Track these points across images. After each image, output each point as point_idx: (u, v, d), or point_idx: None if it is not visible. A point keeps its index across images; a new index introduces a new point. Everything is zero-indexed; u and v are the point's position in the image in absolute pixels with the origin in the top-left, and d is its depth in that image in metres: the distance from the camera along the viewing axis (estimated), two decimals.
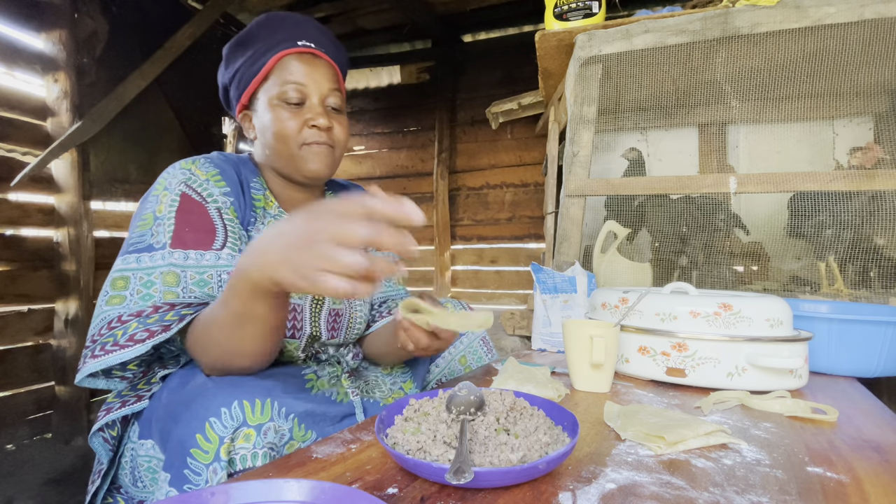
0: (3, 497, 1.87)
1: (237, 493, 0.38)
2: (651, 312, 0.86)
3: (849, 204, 1.38)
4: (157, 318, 0.66)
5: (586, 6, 1.52)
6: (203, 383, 0.63)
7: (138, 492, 0.72)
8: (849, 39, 1.30)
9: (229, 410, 0.59)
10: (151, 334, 0.65)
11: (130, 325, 0.66)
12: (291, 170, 0.83)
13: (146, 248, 0.71)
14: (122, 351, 0.64)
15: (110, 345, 0.65)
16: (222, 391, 0.61)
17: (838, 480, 0.48)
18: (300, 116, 0.80)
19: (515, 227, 3.56)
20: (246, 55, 0.82)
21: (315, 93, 0.81)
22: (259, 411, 0.60)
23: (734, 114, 1.64)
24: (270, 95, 0.80)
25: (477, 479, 0.42)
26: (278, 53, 0.80)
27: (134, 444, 0.72)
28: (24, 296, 2.30)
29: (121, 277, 0.70)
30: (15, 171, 2.21)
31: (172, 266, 0.70)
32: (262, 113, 0.82)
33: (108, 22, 2.54)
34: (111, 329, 0.67)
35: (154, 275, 0.69)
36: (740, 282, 1.63)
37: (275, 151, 0.82)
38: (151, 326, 0.65)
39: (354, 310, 0.94)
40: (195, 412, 0.59)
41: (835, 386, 0.88)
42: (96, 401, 2.52)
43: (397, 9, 3.18)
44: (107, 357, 0.65)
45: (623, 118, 1.94)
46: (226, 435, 0.58)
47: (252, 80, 0.82)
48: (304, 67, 0.80)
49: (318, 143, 0.81)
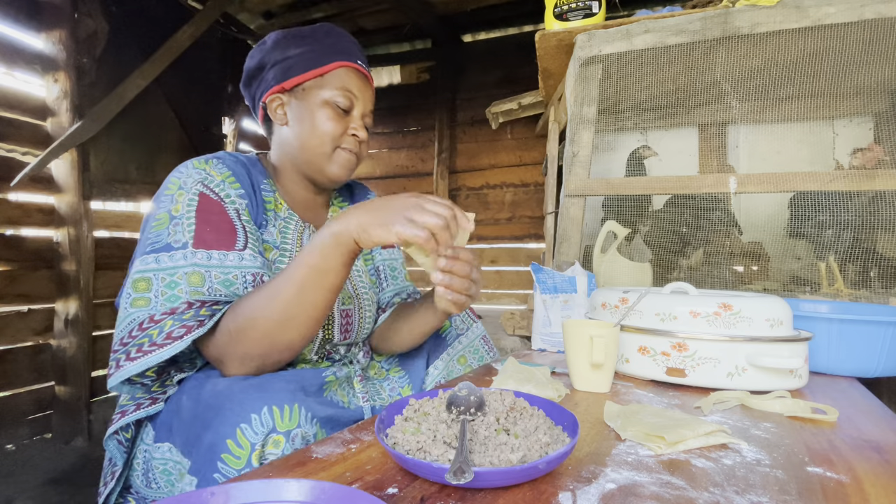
0: (3, 497, 1.87)
1: (237, 493, 0.38)
2: (651, 312, 0.86)
3: (849, 204, 1.38)
4: (193, 314, 0.67)
5: (586, 6, 1.52)
6: (229, 387, 0.64)
7: (152, 493, 0.72)
8: (849, 39, 1.30)
9: (259, 416, 0.60)
10: (189, 329, 0.66)
11: (166, 323, 0.66)
12: (315, 168, 0.86)
13: (164, 247, 0.71)
14: (160, 350, 0.65)
15: (147, 345, 0.66)
16: (250, 396, 0.62)
17: (838, 480, 0.48)
18: (344, 122, 0.85)
19: (515, 227, 3.56)
20: (303, 48, 0.85)
21: (360, 107, 0.87)
22: (288, 417, 0.61)
23: (734, 114, 1.64)
24: (322, 94, 0.84)
25: (477, 479, 0.42)
26: (341, 61, 0.85)
27: (147, 447, 0.73)
28: (24, 296, 2.30)
29: (142, 279, 0.69)
30: (15, 171, 2.21)
31: (196, 266, 0.70)
32: (308, 106, 0.85)
33: (108, 22, 2.54)
34: (144, 330, 0.66)
35: (177, 275, 0.69)
36: (740, 282, 1.63)
37: (305, 145, 0.85)
38: (188, 322, 0.66)
39: (364, 310, 0.95)
40: (225, 417, 0.60)
41: (835, 386, 0.88)
42: (96, 401, 2.52)
43: (397, 9, 3.18)
44: (146, 357, 0.65)
45: (623, 118, 1.94)
46: (257, 441, 0.59)
47: (307, 71, 0.84)
48: (358, 83, 0.87)
49: (350, 151, 0.87)
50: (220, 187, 0.77)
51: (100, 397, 2.56)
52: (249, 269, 0.73)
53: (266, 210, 0.84)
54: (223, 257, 0.72)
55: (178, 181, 0.76)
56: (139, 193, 2.80)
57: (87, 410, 2.44)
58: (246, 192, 0.80)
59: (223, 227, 0.74)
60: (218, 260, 0.71)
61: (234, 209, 0.76)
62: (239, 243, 0.74)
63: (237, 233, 0.75)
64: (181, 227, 0.72)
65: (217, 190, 0.76)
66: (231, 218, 0.75)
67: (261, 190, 0.85)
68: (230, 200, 0.77)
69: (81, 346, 2.41)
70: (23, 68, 2.29)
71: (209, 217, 0.73)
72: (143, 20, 2.75)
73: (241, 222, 0.76)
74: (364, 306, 0.95)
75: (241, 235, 0.75)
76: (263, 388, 0.63)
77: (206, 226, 0.72)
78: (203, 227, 0.72)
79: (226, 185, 0.78)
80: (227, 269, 0.72)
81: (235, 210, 0.77)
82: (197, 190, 0.75)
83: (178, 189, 0.75)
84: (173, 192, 0.75)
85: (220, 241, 0.72)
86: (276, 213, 0.86)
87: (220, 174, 0.78)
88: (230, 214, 0.75)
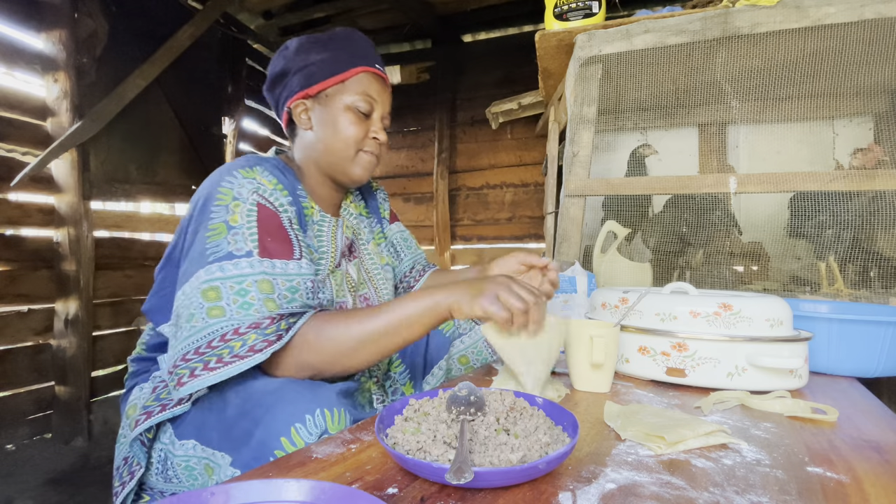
0: (3, 497, 1.87)
1: (237, 493, 0.38)
2: (651, 312, 0.86)
3: (849, 204, 1.38)
4: (274, 329, 0.70)
5: (586, 6, 1.51)
6: (281, 387, 0.67)
7: (172, 486, 0.74)
8: (849, 39, 1.30)
9: (313, 418, 0.63)
10: (269, 343, 0.69)
11: (249, 337, 0.69)
12: (338, 169, 0.90)
13: (226, 256, 0.72)
14: (241, 362, 0.68)
15: (227, 356, 0.68)
16: (303, 397, 0.65)
17: (838, 480, 0.48)
18: (365, 126, 0.89)
19: (515, 227, 3.56)
20: (324, 54, 0.88)
21: (380, 110, 0.91)
22: (337, 420, 0.64)
23: (734, 114, 1.64)
24: (344, 99, 0.88)
25: (477, 479, 0.42)
26: (362, 67, 0.88)
27: (165, 445, 0.74)
28: (24, 296, 2.29)
29: (210, 288, 0.71)
30: (15, 171, 2.21)
31: (265, 274, 0.72)
32: (331, 111, 0.88)
33: (108, 22, 2.53)
34: (227, 341, 0.69)
35: (246, 282, 0.71)
36: (740, 282, 1.63)
37: (330, 149, 0.89)
38: (269, 336, 0.69)
39: (380, 290, 1.00)
40: (277, 415, 0.63)
41: (835, 386, 0.88)
42: (96, 401, 2.52)
43: (397, 9, 3.18)
44: (227, 368, 0.67)
45: (623, 118, 1.94)
46: (312, 442, 0.61)
47: (329, 77, 0.87)
48: (377, 87, 0.91)
49: (371, 154, 0.91)
50: (273, 196, 0.79)
51: (100, 397, 2.56)
52: (308, 276, 0.77)
53: (305, 215, 0.88)
54: (285, 266, 0.75)
55: (231, 191, 0.76)
56: (139, 193, 2.79)
57: (87, 410, 2.44)
58: (292, 199, 0.84)
59: (281, 237, 0.77)
60: (281, 269, 0.74)
61: (287, 218, 0.79)
62: (296, 252, 0.78)
63: (293, 242, 0.78)
64: (241, 237, 0.74)
65: (272, 200, 0.79)
66: (286, 228, 0.78)
67: (298, 195, 0.88)
68: (283, 210, 0.79)
69: (81, 346, 2.41)
70: (23, 68, 2.29)
71: (268, 227, 0.76)
72: (143, 20, 2.75)
73: (294, 231, 0.80)
74: (380, 286, 1.00)
75: (296, 244, 0.79)
76: (314, 389, 0.67)
77: (267, 236, 0.75)
78: (265, 237, 0.75)
79: (277, 194, 0.80)
80: (291, 276, 0.75)
81: (288, 219, 0.80)
82: (254, 200, 0.77)
83: (232, 199, 0.76)
84: (227, 202, 0.76)
85: (281, 251, 0.76)
86: (311, 218, 0.90)
87: (269, 182, 0.80)
88: (285, 224, 0.79)
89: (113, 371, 2.67)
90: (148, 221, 2.91)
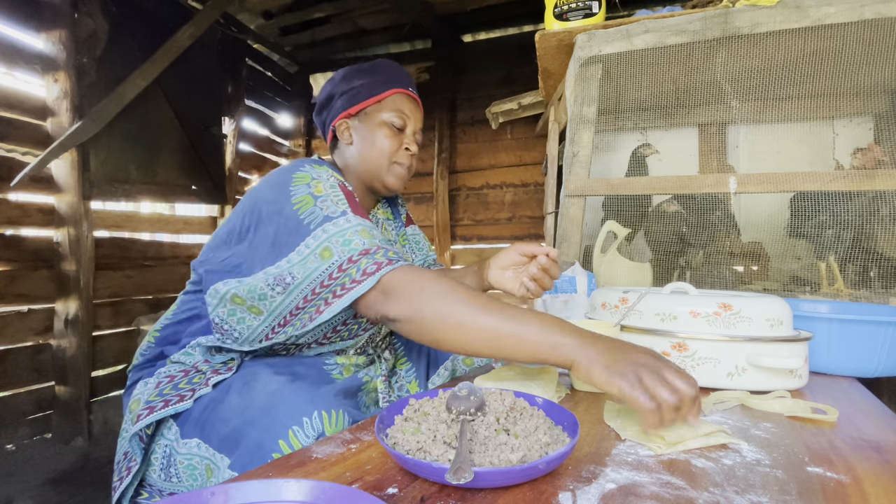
0: (3, 497, 1.87)
1: (237, 493, 0.38)
2: (651, 312, 0.86)
3: (850, 204, 1.38)
4: (383, 252, 0.74)
5: (586, 6, 1.51)
6: (280, 389, 0.68)
7: (171, 486, 0.75)
8: (849, 39, 1.30)
9: (310, 420, 0.63)
10: (379, 266, 0.71)
11: (361, 262, 0.72)
12: (375, 178, 0.98)
13: (324, 219, 0.76)
14: (358, 286, 0.71)
15: (349, 282, 0.72)
16: (300, 398, 0.65)
17: (838, 480, 0.48)
18: (399, 139, 0.98)
19: (515, 227, 3.56)
20: (366, 80, 0.98)
21: (412, 125, 1.01)
22: (335, 422, 0.65)
23: (734, 114, 1.64)
24: (380, 116, 0.97)
25: (477, 479, 0.42)
26: (396, 89, 0.98)
27: (169, 442, 0.75)
28: (24, 296, 2.29)
29: (325, 249, 0.74)
30: (15, 171, 2.21)
31: (362, 224, 0.77)
32: (369, 127, 0.97)
33: (108, 22, 2.54)
34: (344, 271, 0.72)
35: (348, 233, 0.75)
36: (740, 282, 1.63)
37: (367, 160, 0.97)
38: (379, 260, 0.72)
39: None
40: (276, 418, 0.64)
41: (835, 386, 0.88)
42: (96, 401, 2.52)
43: (397, 9, 3.18)
44: (349, 293, 0.71)
45: (623, 118, 1.94)
46: (309, 444, 0.60)
47: (368, 98, 0.97)
48: (410, 105, 1.01)
49: (403, 165, 0.99)
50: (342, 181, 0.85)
51: (100, 397, 2.56)
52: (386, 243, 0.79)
53: None
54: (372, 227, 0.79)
55: (308, 175, 0.82)
56: (139, 193, 2.79)
57: (87, 410, 2.44)
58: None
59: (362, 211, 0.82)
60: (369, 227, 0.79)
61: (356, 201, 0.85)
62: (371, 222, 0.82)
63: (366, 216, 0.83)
64: (330, 202, 0.78)
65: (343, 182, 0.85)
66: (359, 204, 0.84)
67: None
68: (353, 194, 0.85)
69: (81, 346, 2.41)
70: (23, 68, 2.29)
71: (352, 199, 0.82)
72: (143, 20, 2.75)
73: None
74: None
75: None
76: (313, 392, 0.68)
77: (352, 202, 0.81)
78: (352, 200, 0.81)
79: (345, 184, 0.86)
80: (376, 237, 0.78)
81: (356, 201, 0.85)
82: (334, 181, 0.83)
83: (312, 179, 0.81)
84: (307, 180, 0.81)
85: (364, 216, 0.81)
86: None
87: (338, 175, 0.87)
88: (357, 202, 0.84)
89: (113, 371, 2.67)
90: (148, 221, 2.91)
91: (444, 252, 3.66)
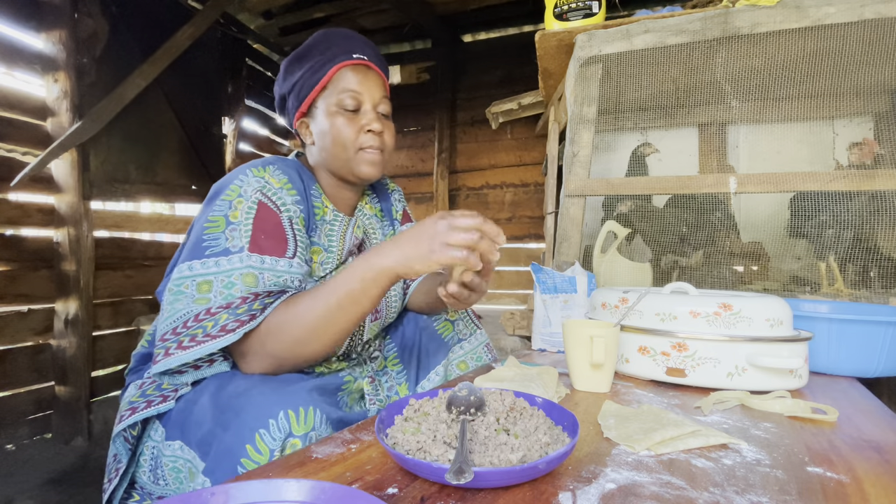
0: (3, 497, 1.87)
1: (237, 493, 0.38)
2: (651, 312, 0.86)
3: (850, 204, 1.38)
4: (246, 308, 0.70)
5: (586, 6, 1.51)
6: (247, 390, 0.66)
7: (159, 489, 0.73)
8: (849, 39, 1.30)
9: (276, 421, 0.61)
10: (241, 323, 0.69)
11: (221, 317, 0.70)
12: (346, 172, 0.90)
13: (223, 251, 0.74)
14: (213, 341, 0.68)
15: (201, 335, 0.69)
16: (268, 399, 0.63)
17: (838, 480, 0.48)
18: (356, 122, 0.88)
19: (515, 227, 3.56)
20: (304, 67, 0.88)
21: (368, 100, 0.89)
22: (303, 420, 0.62)
23: (734, 114, 1.64)
24: (329, 103, 0.88)
25: (477, 479, 0.42)
26: (336, 65, 0.87)
27: (156, 444, 0.74)
28: (24, 296, 2.29)
29: (205, 282, 0.72)
30: (15, 171, 2.21)
31: (251, 268, 0.73)
32: (321, 120, 0.88)
33: (108, 22, 2.53)
34: (200, 321, 0.70)
35: (234, 276, 0.72)
36: (740, 282, 1.63)
37: (332, 155, 0.89)
38: (241, 316, 0.70)
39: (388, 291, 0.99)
40: (244, 421, 0.61)
41: (835, 386, 0.88)
42: (96, 401, 2.52)
43: (397, 9, 3.18)
44: (199, 347, 0.68)
45: (623, 118, 1.94)
46: (276, 447, 0.60)
47: (312, 89, 0.88)
48: (358, 77, 0.88)
49: (372, 148, 0.89)
50: (276, 195, 0.80)
51: (100, 397, 2.56)
52: (296, 274, 0.77)
53: (315, 214, 0.89)
54: (274, 262, 0.75)
55: (238, 189, 0.78)
56: (139, 193, 2.79)
57: (87, 410, 2.44)
58: (301, 198, 0.85)
59: (277, 235, 0.78)
60: (270, 264, 0.75)
61: (287, 218, 0.80)
62: (289, 251, 0.78)
63: (288, 242, 0.79)
64: (238, 233, 0.75)
65: (274, 199, 0.80)
66: (284, 227, 0.79)
67: (310, 195, 0.89)
68: (286, 209, 0.81)
69: (81, 346, 2.41)
70: (23, 68, 2.29)
71: (265, 225, 0.77)
72: (143, 20, 2.75)
73: (294, 231, 0.81)
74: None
75: (292, 244, 0.79)
76: (280, 389, 0.65)
77: (262, 233, 0.76)
78: (258, 234, 0.76)
79: (283, 193, 0.81)
80: (279, 272, 0.75)
81: (289, 219, 0.81)
82: (256, 199, 0.78)
83: (237, 196, 0.78)
84: (232, 198, 0.78)
85: (274, 248, 0.76)
86: (323, 218, 0.91)
87: (278, 181, 0.82)
88: (284, 224, 0.80)
89: (113, 371, 2.67)
90: (148, 221, 2.91)
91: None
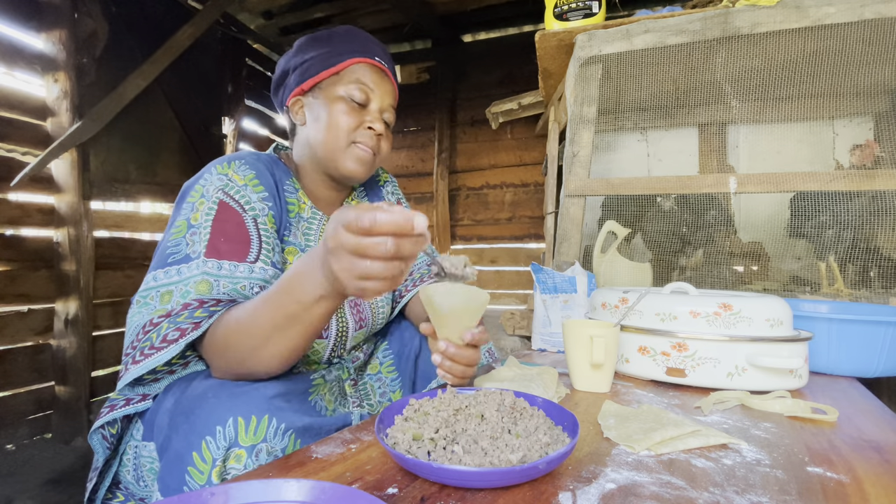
0: (3, 497, 1.87)
1: (237, 493, 0.38)
2: (651, 312, 0.86)
3: (850, 204, 1.38)
4: (186, 315, 0.65)
5: (586, 6, 1.51)
6: (202, 393, 0.61)
7: (140, 490, 0.72)
8: (849, 39, 1.30)
9: (224, 429, 0.57)
10: (182, 333, 0.64)
11: (162, 326, 0.65)
12: (331, 164, 0.85)
13: (184, 258, 0.70)
14: (158, 353, 0.64)
15: (148, 348, 0.65)
16: (221, 404, 0.59)
17: (838, 480, 0.48)
18: (359, 116, 0.84)
19: (515, 227, 3.56)
20: (321, 50, 0.85)
21: (377, 101, 0.86)
22: (253, 430, 0.58)
23: (734, 114, 1.64)
24: (335, 89, 0.84)
25: (477, 479, 0.42)
26: (356, 58, 0.85)
27: (137, 444, 0.72)
28: (24, 296, 2.29)
29: (167, 292, 0.68)
30: (15, 171, 2.21)
31: (206, 275, 0.69)
32: (321, 102, 0.85)
33: (108, 22, 2.53)
34: (146, 333, 0.66)
35: (189, 284, 0.68)
36: (740, 282, 1.63)
37: (321, 142, 0.84)
38: (181, 325, 0.65)
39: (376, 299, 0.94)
40: (193, 426, 0.58)
41: (835, 386, 0.88)
42: (96, 401, 2.52)
43: (397, 9, 3.18)
44: (146, 361, 0.64)
45: (623, 118, 1.94)
46: (218, 457, 0.57)
47: (322, 72, 0.85)
48: (374, 77, 0.86)
49: (366, 146, 0.85)
50: (240, 193, 0.76)
51: (100, 397, 2.56)
52: (257, 280, 0.72)
53: (289, 212, 0.84)
54: (233, 268, 0.70)
55: (201, 189, 0.75)
56: (139, 193, 2.79)
57: (87, 410, 2.44)
58: (270, 195, 0.80)
59: (238, 237, 0.73)
60: (228, 270, 0.70)
61: (252, 217, 0.75)
62: (251, 255, 0.73)
63: (251, 243, 0.73)
64: (198, 237, 0.71)
65: (237, 197, 0.75)
66: (248, 228, 0.74)
67: (284, 191, 0.84)
68: (249, 207, 0.76)
69: (81, 346, 2.41)
70: (23, 68, 2.29)
71: (225, 227, 0.72)
72: (143, 20, 2.75)
73: (259, 231, 0.75)
74: None
75: (255, 246, 0.74)
76: (237, 394, 0.60)
77: (221, 236, 0.72)
78: (217, 237, 0.71)
79: (247, 190, 0.77)
80: (237, 279, 0.70)
81: (253, 218, 0.76)
82: (217, 198, 0.74)
83: (199, 197, 0.74)
84: (195, 199, 0.74)
85: (233, 252, 0.71)
86: (299, 215, 0.86)
87: (242, 177, 0.77)
88: (247, 224, 0.74)
89: (113, 371, 2.67)
90: (148, 221, 2.91)
91: (443, 252, 3.66)
